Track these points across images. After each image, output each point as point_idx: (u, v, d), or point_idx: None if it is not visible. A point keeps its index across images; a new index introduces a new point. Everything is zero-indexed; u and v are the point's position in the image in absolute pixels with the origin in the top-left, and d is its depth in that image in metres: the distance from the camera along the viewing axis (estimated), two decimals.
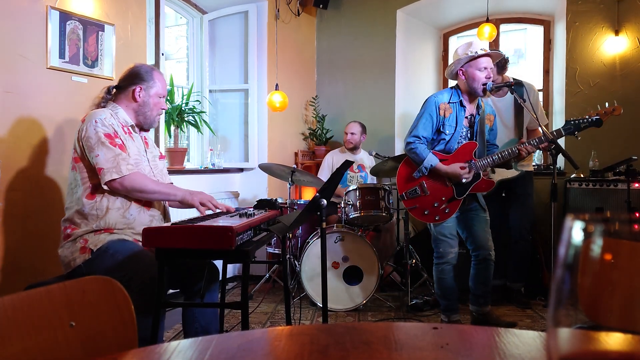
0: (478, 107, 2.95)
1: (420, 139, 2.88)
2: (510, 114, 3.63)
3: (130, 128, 2.27)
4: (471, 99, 2.92)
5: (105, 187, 2.07)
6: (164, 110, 2.39)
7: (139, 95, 2.27)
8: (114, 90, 2.32)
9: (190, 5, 4.58)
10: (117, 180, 2.05)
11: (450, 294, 2.99)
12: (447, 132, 2.89)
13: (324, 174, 4.43)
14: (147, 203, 2.21)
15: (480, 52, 2.83)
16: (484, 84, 2.81)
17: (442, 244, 2.94)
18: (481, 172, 2.88)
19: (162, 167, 2.44)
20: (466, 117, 2.92)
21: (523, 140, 2.99)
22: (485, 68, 2.81)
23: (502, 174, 3.35)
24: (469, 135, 2.94)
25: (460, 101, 2.89)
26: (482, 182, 2.89)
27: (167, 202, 2.33)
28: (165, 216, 2.35)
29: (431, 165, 2.85)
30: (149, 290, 1.81)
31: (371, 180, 4.43)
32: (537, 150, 3.10)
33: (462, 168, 2.83)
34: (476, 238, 2.96)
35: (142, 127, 2.36)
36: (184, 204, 2.20)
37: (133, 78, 2.28)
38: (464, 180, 2.83)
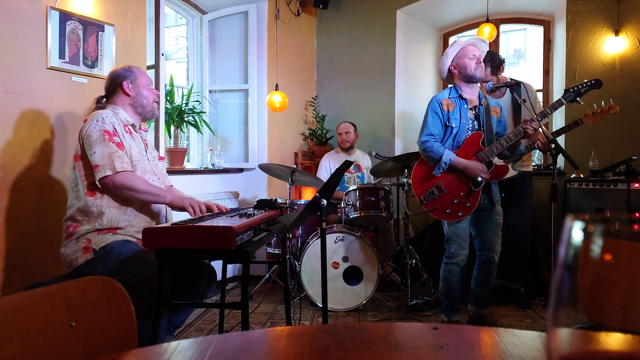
0: (480, 98, 2.96)
1: (433, 136, 2.92)
2: (507, 114, 3.63)
3: (131, 127, 2.30)
4: (471, 90, 2.94)
5: (98, 185, 2.08)
6: (158, 96, 2.44)
7: (129, 89, 2.32)
8: (104, 100, 2.37)
9: (190, 6, 4.58)
10: (109, 176, 2.06)
11: (453, 295, 3.00)
12: (454, 125, 2.91)
13: (322, 177, 4.42)
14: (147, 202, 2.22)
15: (463, 41, 2.92)
16: (477, 70, 2.87)
17: (454, 244, 2.95)
18: (492, 159, 2.88)
19: (162, 167, 2.46)
20: (470, 109, 2.94)
21: (526, 119, 2.97)
22: (473, 55, 2.88)
23: None
24: (475, 126, 2.95)
25: (460, 95, 2.93)
26: (497, 168, 2.89)
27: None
28: (167, 216, 2.35)
29: (450, 159, 2.86)
30: (151, 295, 1.80)
31: (368, 179, 4.43)
32: (538, 142, 3.07)
33: (482, 167, 2.85)
34: (484, 238, 2.98)
35: (145, 118, 2.40)
36: (173, 207, 2.22)
37: (116, 79, 2.34)
38: (479, 179, 2.84)
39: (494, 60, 3.57)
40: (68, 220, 2.16)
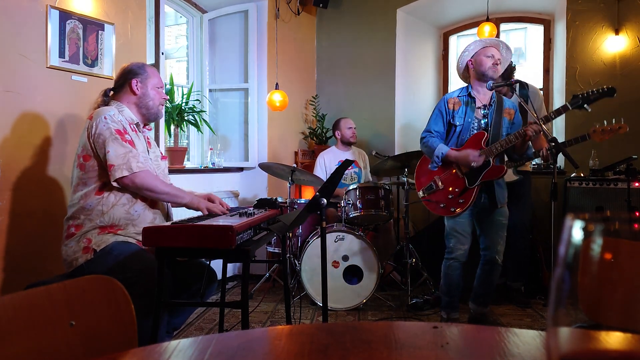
0: (492, 99, 2.95)
1: (432, 132, 2.99)
2: None
3: (135, 126, 2.28)
4: (483, 89, 2.95)
5: (115, 184, 2.07)
6: (166, 100, 2.42)
7: (137, 87, 2.29)
8: (111, 92, 2.34)
9: (190, 5, 4.58)
10: (127, 177, 2.06)
11: (453, 291, 3.00)
12: (457, 123, 2.95)
13: (318, 175, 4.39)
14: (152, 201, 2.22)
15: (487, 40, 2.95)
16: (491, 70, 2.86)
17: (453, 239, 2.97)
18: (491, 158, 2.88)
19: (164, 167, 2.45)
20: (478, 108, 2.94)
21: (530, 121, 2.93)
22: (492, 55, 2.89)
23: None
24: (482, 126, 2.95)
25: (469, 93, 2.95)
26: (492, 169, 2.90)
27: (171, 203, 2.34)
28: (168, 215, 2.35)
29: (442, 153, 2.91)
30: (151, 295, 1.80)
31: (365, 175, 4.42)
32: (543, 151, 3.04)
33: (473, 152, 2.85)
34: (487, 239, 2.99)
35: (149, 120, 2.38)
36: (190, 208, 2.22)
37: (127, 74, 2.31)
38: (473, 164, 2.84)
39: (505, 71, 3.50)
40: (70, 219, 2.15)
